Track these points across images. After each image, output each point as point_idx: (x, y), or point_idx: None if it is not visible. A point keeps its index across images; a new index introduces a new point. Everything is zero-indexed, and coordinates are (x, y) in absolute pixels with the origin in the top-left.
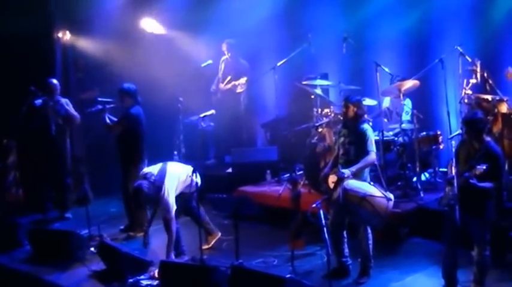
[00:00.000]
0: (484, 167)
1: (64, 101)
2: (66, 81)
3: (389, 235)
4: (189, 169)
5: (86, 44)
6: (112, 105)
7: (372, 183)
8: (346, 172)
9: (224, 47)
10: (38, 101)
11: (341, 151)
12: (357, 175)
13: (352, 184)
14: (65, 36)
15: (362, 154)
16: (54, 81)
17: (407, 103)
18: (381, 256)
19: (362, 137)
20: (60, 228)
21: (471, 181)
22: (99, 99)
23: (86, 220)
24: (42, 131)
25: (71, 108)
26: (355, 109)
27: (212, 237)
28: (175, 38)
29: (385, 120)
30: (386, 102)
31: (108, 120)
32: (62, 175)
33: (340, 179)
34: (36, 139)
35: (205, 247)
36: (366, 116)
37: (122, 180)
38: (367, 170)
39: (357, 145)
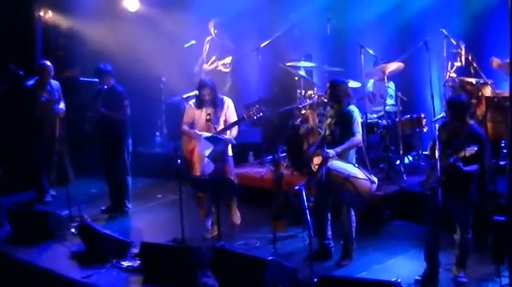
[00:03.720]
0: (476, 149)
1: (56, 84)
2: (47, 59)
3: (371, 218)
4: None
5: (67, 23)
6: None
7: (356, 165)
8: (331, 152)
9: (211, 25)
10: (30, 83)
11: (327, 132)
12: (342, 156)
13: (336, 164)
14: (46, 14)
15: (347, 135)
16: (48, 62)
17: (391, 86)
18: (363, 238)
19: (348, 119)
20: (41, 208)
21: (458, 163)
22: (81, 78)
23: (66, 200)
24: (31, 112)
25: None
26: (340, 90)
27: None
28: (158, 17)
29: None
30: (369, 85)
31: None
32: (51, 154)
33: (325, 159)
34: (24, 120)
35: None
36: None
37: (105, 159)
38: (352, 152)
39: (342, 126)
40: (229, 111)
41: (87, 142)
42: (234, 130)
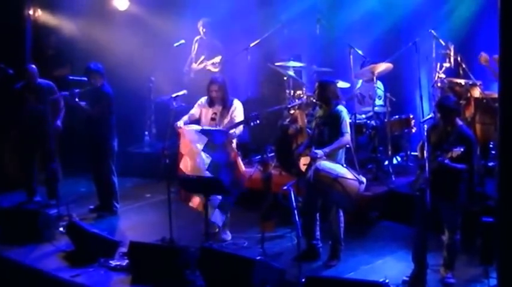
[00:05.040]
0: (462, 149)
1: (46, 85)
2: (37, 58)
3: (359, 218)
4: None
5: (57, 21)
6: (78, 90)
7: (345, 165)
8: (319, 152)
9: (200, 25)
10: (18, 85)
11: (315, 132)
12: (330, 157)
13: (325, 164)
14: (36, 13)
15: (336, 136)
16: (33, 65)
17: (380, 87)
18: (351, 239)
19: (337, 119)
20: (30, 207)
21: (445, 161)
22: (71, 77)
23: (55, 200)
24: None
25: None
26: (329, 91)
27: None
28: (148, 17)
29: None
30: (358, 85)
31: (82, 104)
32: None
33: (313, 160)
34: (14, 120)
35: None
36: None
37: (92, 159)
38: (341, 152)
39: (331, 126)
40: (235, 113)
41: (77, 141)
42: (237, 130)
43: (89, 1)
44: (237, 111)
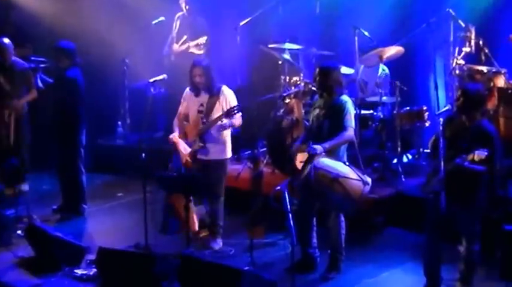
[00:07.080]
0: (486, 153)
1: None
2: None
3: (363, 224)
4: None
5: None
6: (45, 66)
7: (347, 163)
8: (318, 148)
9: (182, 0)
10: None
11: (314, 125)
12: (331, 153)
13: (324, 162)
14: None
15: (337, 130)
16: (6, 40)
17: (384, 69)
18: (353, 247)
19: (339, 111)
20: None
21: (465, 163)
22: (32, 58)
23: (13, 198)
24: None
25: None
26: (331, 78)
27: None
28: None
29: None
30: (359, 71)
31: (39, 83)
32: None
33: (311, 156)
34: None
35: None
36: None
37: (57, 153)
38: (343, 149)
39: (332, 119)
40: (227, 105)
41: (41, 134)
42: (237, 121)
43: None
44: (230, 101)
